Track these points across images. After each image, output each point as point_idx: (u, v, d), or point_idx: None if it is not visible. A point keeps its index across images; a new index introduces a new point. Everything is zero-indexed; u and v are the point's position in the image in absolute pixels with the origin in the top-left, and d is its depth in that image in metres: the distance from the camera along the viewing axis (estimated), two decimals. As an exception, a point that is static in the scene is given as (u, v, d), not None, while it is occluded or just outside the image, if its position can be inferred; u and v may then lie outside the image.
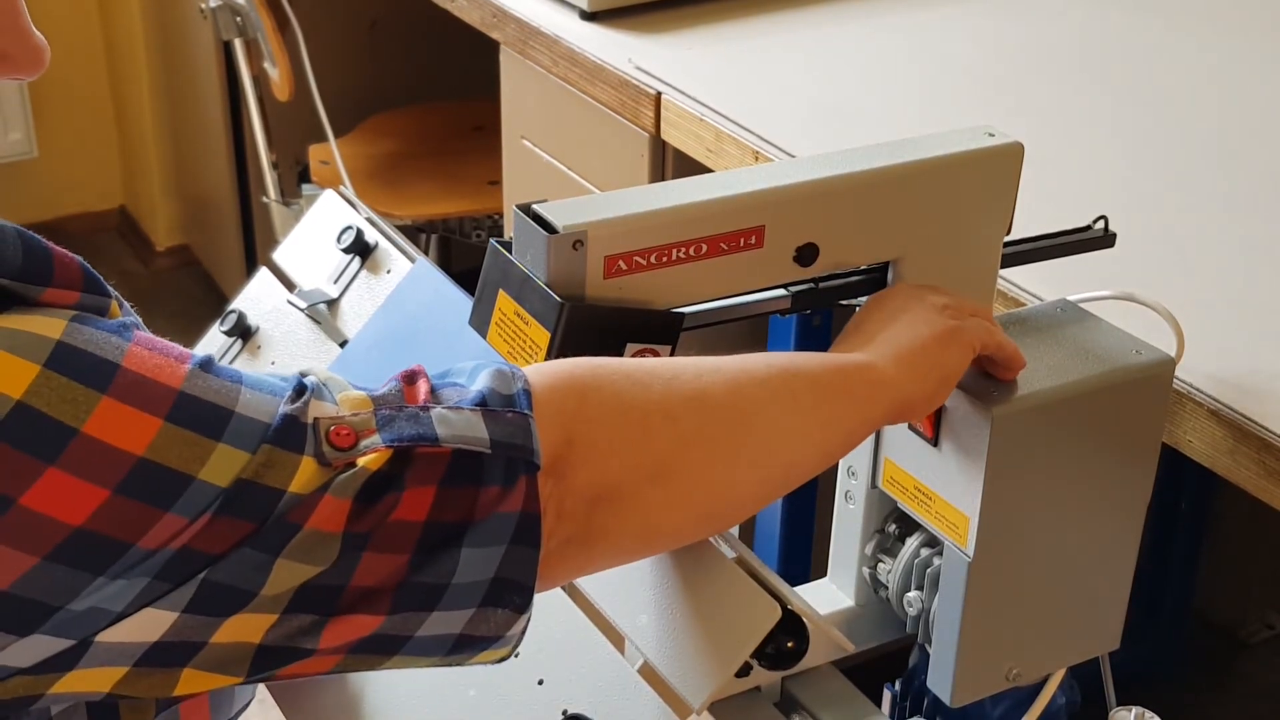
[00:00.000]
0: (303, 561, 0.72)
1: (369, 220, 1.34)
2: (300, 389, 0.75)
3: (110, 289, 0.75)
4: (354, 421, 0.74)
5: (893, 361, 0.93)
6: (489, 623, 0.78)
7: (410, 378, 0.79)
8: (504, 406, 0.77)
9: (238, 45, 2.64)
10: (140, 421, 0.69)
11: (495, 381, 0.79)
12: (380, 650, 0.77)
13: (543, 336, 0.90)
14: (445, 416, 0.76)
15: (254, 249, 3.03)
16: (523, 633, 0.80)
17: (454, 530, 0.75)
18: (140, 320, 0.77)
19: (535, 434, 0.77)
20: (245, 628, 0.72)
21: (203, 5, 2.63)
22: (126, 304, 0.78)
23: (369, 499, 0.73)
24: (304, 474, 0.72)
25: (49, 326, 0.69)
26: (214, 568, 0.70)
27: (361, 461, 0.73)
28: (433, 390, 0.78)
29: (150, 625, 0.70)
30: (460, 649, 0.79)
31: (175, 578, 0.70)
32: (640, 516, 0.83)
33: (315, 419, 0.73)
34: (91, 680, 0.71)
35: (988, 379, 1.00)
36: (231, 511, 0.70)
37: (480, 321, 0.96)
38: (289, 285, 1.35)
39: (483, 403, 0.77)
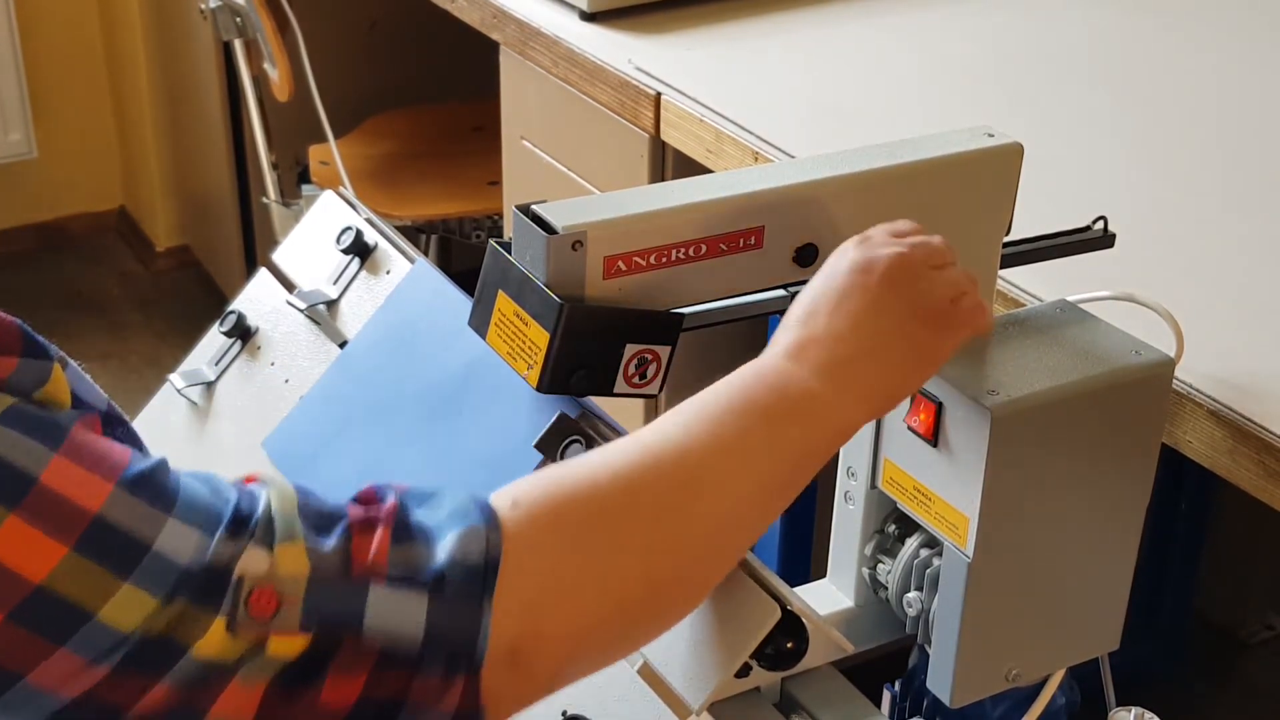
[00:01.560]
0: None
1: (368, 221, 1.34)
2: (242, 521, 0.69)
3: (53, 349, 0.71)
4: (283, 589, 0.68)
5: (844, 391, 0.85)
6: None
7: (369, 509, 0.72)
8: (461, 588, 0.71)
9: (238, 45, 2.64)
10: (45, 547, 0.64)
11: (462, 547, 0.72)
12: None
13: (542, 337, 0.90)
14: (384, 599, 0.69)
15: (254, 249, 3.03)
16: None
17: (387, 708, 0.70)
18: (85, 376, 0.73)
19: (486, 629, 0.71)
20: None
21: (203, 5, 2.63)
22: (71, 363, 0.73)
23: (286, 685, 0.68)
24: (211, 636, 0.67)
25: None
26: None
27: (273, 647, 0.67)
28: (395, 528, 0.71)
29: None
30: None
31: None
32: (603, 664, 0.81)
33: (240, 576, 0.67)
34: None
35: (987, 379, 1.00)
36: (138, 665, 0.66)
37: (480, 322, 0.96)
38: (289, 286, 1.35)
39: (439, 579, 0.71)
